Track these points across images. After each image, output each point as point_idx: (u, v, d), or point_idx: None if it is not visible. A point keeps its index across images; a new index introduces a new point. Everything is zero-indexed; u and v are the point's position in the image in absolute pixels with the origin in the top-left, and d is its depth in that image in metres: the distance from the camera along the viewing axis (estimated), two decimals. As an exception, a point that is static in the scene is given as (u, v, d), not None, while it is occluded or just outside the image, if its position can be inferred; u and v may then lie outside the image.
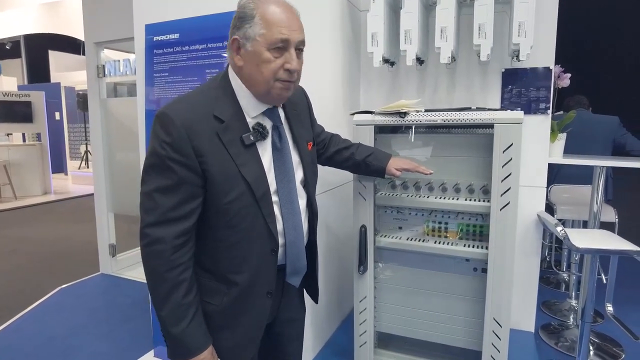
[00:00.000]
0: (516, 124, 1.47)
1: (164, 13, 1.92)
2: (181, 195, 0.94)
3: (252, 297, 1.05)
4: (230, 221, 0.99)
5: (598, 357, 2.29)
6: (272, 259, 1.05)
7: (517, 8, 1.86)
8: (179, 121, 0.92)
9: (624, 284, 2.87)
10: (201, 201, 0.97)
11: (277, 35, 0.95)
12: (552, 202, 3.03)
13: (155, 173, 0.94)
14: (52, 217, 5.90)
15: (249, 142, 1.00)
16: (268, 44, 0.95)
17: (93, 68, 3.33)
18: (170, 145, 0.92)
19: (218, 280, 1.04)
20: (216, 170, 0.95)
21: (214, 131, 0.96)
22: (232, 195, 0.97)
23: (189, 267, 0.97)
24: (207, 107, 0.98)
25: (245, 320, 1.06)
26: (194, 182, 0.94)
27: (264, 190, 1.01)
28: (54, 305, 2.94)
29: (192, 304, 0.97)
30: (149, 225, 0.94)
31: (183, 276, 0.95)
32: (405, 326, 1.84)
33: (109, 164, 3.39)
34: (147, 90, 1.99)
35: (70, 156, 9.38)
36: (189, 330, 0.96)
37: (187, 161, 0.93)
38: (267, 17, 0.95)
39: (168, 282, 0.94)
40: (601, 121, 3.21)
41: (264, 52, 0.96)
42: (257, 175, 1.00)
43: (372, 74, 2.54)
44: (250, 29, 0.96)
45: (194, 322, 0.97)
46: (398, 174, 1.49)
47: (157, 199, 0.93)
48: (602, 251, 1.85)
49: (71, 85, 9.08)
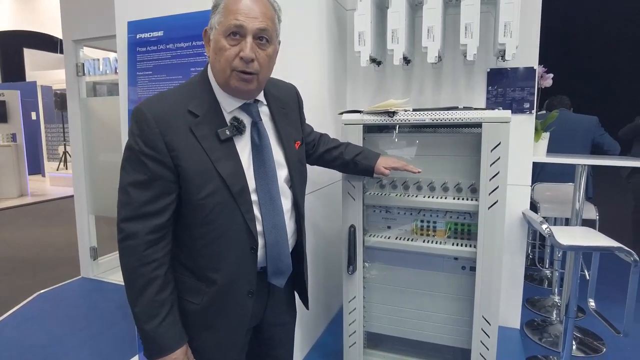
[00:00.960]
0: (504, 123, 1.48)
1: (147, 10, 1.87)
2: (154, 190, 0.94)
3: (232, 297, 1.03)
4: (207, 217, 0.97)
5: (580, 352, 2.34)
6: (252, 257, 1.03)
7: (502, 8, 1.87)
8: (151, 116, 0.93)
9: (605, 280, 2.94)
10: (175, 197, 0.97)
11: (231, 22, 0.94)
12: (535, 200, 3.09)
13: (130, 167, 0.95)
14: (29, 220, 5.72)
15: (224, 136, 0.98)
16: (223, 30, 0.95)
17: (72, 66, 3.24)
18: (142, 141, 0.93)
19: (198, 279, 1.02)
20: (189, 165, 0.95)
21: (188, 126, 0.95)
22: (206, 191, 0.96)
23: (163, 263, 0.96)
24: (183, 102, 0.98)
25: (226, 320, 1.04)
26: (166, 178, 0.94)
27: (241, 187, 0.99)
28: (33, 312, 2.84)
29: (165, 301, 0.96)
30: (124, 219, 0.95)
31: (156, 272, 0.94)
32: (395, 326, 1.84)
33: (90, 165, 3.30)
34: (130, 89, 1.94)
35: (47, 157, 9.13)
36: (161, 328, 0.95)
37: (160, 156, 0.93)
38: (227, 5, 0.96)
39: (141, 278, 0.94)
40: (581, 121, 3.30)
41: (221, 40, 0.96)
42: (233, 170, 0.99)
43: (359, 73, 2.53)
44: (214, 17, 0.98)
45: (167, 320, 0.95)
46: (387, 173, 1.49)
47: (131, 194, 0.94)
48: (585, 248, 1.89)
49: (48, 84, 8.84)
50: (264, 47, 0.99)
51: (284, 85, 1.26)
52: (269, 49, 1.01)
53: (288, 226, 1.12)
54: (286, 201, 1.11)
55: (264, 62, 1.00)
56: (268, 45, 1.00)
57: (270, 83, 1.17)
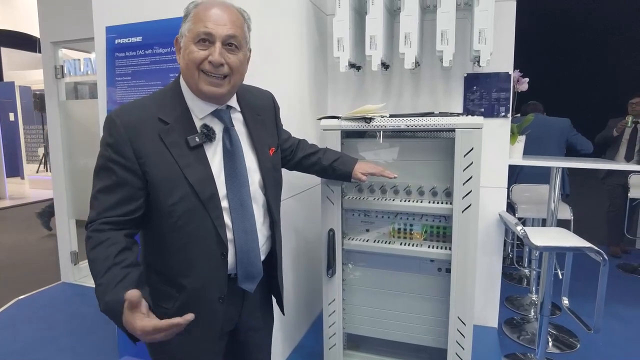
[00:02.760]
0: (476, 129, 1.52)
1: (126, 15, 1.86)
2: (119, 195, 0.96)
3: (203, 302, 1.05)
4: (176, 224, 0.99)
5: (556, 348, 2.41)
6: (222, 263, 1.05)
7: (477, 16, 1.92)
8: (120, 123, 0.95)
9: (579, 278, 3.04)
10: (141, 203, 0.98)
11: (200, 29, 0.98)
12: (513, 202, 3.17)
13: (100, 174, 0.98)
14: (7, 224, 5.60)
15: (194, 143, 1.00)
16: (193, 37, 0.99)
17: (50, 69, 3.19)
18: (111, 147, 0.95)
19: (169, 284, 1.04)
20: (157, 172, 0.97)
21: (157, 133, 0.98)
22: (175, 197, 0.98)
23: (118, 242, 0.93)
24: (153, 109, 1.00)
25: (197, 325, 1.04)
26: (133, 184, 0.96)
27: (211, 193, 1.01)
28: (11, 318, 2.79)
29: (114, 272, 0.88)
30: (91, 222, 0.96)
31: (110, 250, 0.91)
32: (374, 327, 1.87)
33: (70, 168, 3.25)
34: (109, 94, 1.93)
35: (27, 159, 8.93)
36: (102, 281, 0.88)
37: (127, 163, 0.95)
38: (197, 14, 0.99)
39: (98, 246, 0.92)
40: (555, 123, 3.42)
41: (190, 45, 0.99)
42: (202, 177, 1.01)
43: (339, 78, 2.56)
44: (184, 25, 1.02)
45: (118, 286, 0.87)
46: (364, 179, 1.52)
47: (99, 199, 0.96)
48: (558, 248, 1.95)
49: (27, 84, 8.64)
50: (233, 52, 1.02)
51: (259, 91, 1.28)
52: (239, 54, 1.03)
53: (261, 232, 1.13)
54: (258, 207, 1.13)
55: (235, 65, 1.02)
56: (237, 50, 1.03)
57: (245, 90, 1.19)
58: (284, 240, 1.45)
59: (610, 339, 2.49)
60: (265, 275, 1.18)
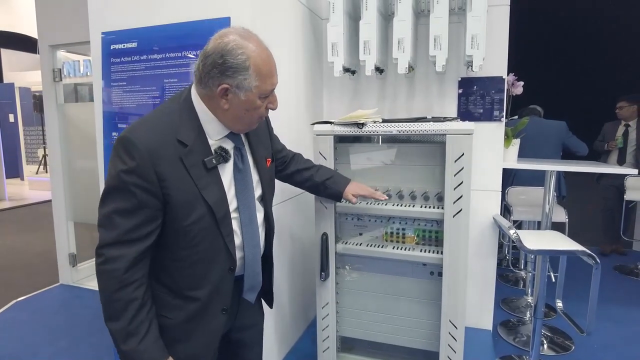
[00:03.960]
0: (467, 135, 1.54)
1: (122, 21, 1.88)
2: (140, 217, 0.95)
3: (207, 314, 1.07)
4: (191, 242, 1.01)
5: (551, 350, 2.42)
6: (230, 277, 1.08)
7: (469, 21, 1.93)
8: (142, 146, 0.93)
9: (575, 280, 3.04)
10: (160, 223, 0.98)
11: (269, 87, 1.01)
12: (509, 204, 3.18)
13: (116, 195, 0.95)
14: (6, 226, 5.62)
15: (211, 165, 1.02)
16: (260, 93, 1.00)
17: (49, 72, 3.21)
18: (133, 171, 0.93)
19: (177, 297, 1.05)
20: (178, 194, 0.97)
21: (178, 155, 0.97)
22: (193, 218, 0.99)
23: (142, 284, 0.98)
24: (171, 130, 0.98)
25: (200, 335, 1.08)
26: (154, 206, 0.96)
27: (225, 212, 1.04)
28: (9, 320, 2.81)
29: (144, 321, 0.97)
30: (106, 245, 0.94)
31: (135, 294, 0.96)
32: (367, 330, 1.88)
33: (68, 171, 3.27)
34: (105, 98, 1.94)
35: (26, 160, 8.95)
36: (141, 346, 0.96)
37: (150, 186, 0.94)
38: (260, 70, 0.98)
39: (120, 302, 0.95)
40: (551, 125, 3.43)
41: (256, 101, 1.01)
42: (218, 197, 1.03)
43: (335, 82, 2.57)
44: (246, 81, 0.98)
45: (147, 338, 0.97)
46: (354, 201, 1.55)
47: (116, 221, 0.94)
48: (551, 252, 1.96)
49: (27, 85, 8.66)
50: None
51: None
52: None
53: (262, 240, 1.18)
54: (259, 215, 1.17)
55: None
56: None
57: None
58: (278, 245, 1.47)
59: (605, 341, 2.49)
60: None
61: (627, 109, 3.88)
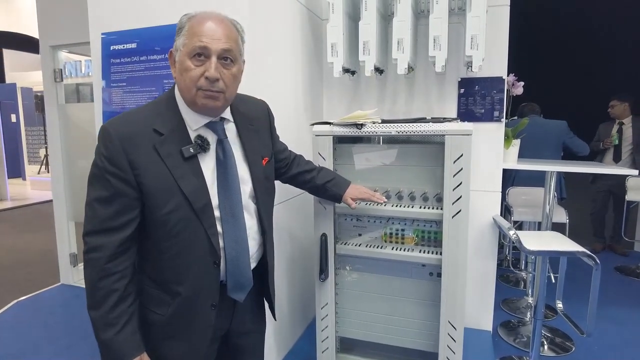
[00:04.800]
0: (466, 136, 1.54)
1: (122, 22, 1.88)
2: (117, 206, 0.97)
3: (196, 309, 1.07)
4: (170, 232, 1.01)
5: (552, 351, 2.42)
6: (215, 271, 1.07)
7: (469, 22, 1.93)
8: (116, 135, 0.97)
9: (576, 281, 3.04)
10: (138, 212, 1.01)
11: (195, 43, 0.99)
12: (509, 204, 3.17)
13: (96, 183, 0.99)
14: (8, 225, 5.64)
15: (188, 154, 1.02)
16: (188, 52, 1.00)
17: (49, 72, 3.22)
18: (107, 159, 0.97)
19: (163, 290, 1.06)
20: (152, 182, 0.98)
21: (152, 144, 0.99)
22: (169, 207, 1.00)
23: (124, 276, 0.99)
24: (148, 121, 1.01)
25: (190, 331, 1.08)
26: (129, 195, 0.98)
27: (204, 203, 1.03)
28: (10, 320, 2.82)
29: (123, 313, 0.98)
30: (88, 233, 0.98)
31: (116, 285, 0.98)
32: (367, 331, 1.88)
33: (69, 171, 3.28)
34: (105, 98, 1.95)
35: (28, 160, 8.98)
36: (119, 336, 0.97)
37: (123, 174, 0.97)
38: (192, 28, 1.00)
39: (101, 290, 0.97)
40: (551, 125, 3.43)
41: (186, 61, 1.00)
42: (196, 187, 1.03)
43: (334, 83, 2.57)
44: (179, 39, 1.02)
45: (124, 330, 0.98)
46: (354, 206, 1.56)
47: (96, 208, 0.98)
48: (551, 253, 1.96)
49: (28, 85, 8.69)
50: (228, 67, 1.03)
51: (253, 101, 1.29)
52: (234, 69, 1.05)
53: (254, 239, 1.16)
54: (251, 216, 1.15)
55: (229, 81, 1.04)
56: (232, 65, 1.04)
57: (239, 100, 1.20)
58: (278, 245, 1.46)
59: (606, 342, 2.49)
60: (257, 281, 1.20)
61: (618, 107, 3.96)
